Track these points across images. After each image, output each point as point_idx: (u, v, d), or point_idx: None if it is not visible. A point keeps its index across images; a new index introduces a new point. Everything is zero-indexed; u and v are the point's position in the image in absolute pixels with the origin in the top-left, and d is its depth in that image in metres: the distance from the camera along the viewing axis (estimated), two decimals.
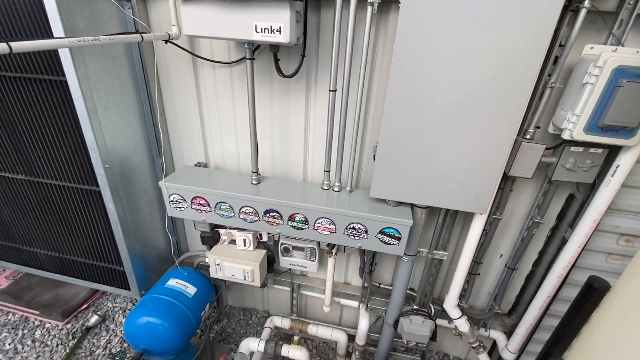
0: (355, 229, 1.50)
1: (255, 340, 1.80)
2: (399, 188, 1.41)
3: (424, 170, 1.33)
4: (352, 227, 1.50)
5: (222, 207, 1.63)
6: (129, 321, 1.75)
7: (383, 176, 1.39)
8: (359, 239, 1.53)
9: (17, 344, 2.19)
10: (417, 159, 1.32)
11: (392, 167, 1.36)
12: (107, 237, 1.87)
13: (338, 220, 1.50)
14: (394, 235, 1.48)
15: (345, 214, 1.48)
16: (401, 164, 1.34)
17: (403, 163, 1.34)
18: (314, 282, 2.18)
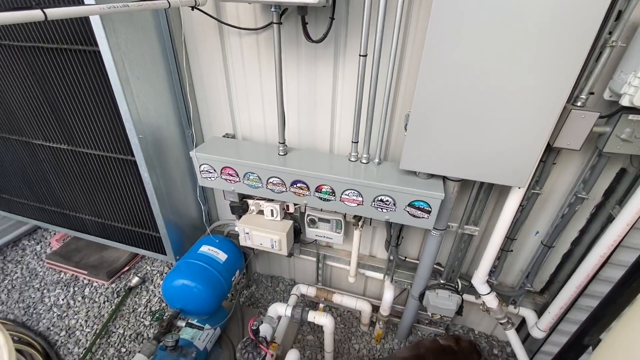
0: (383, 201, 1.47)
1: (282, 305, 1.87)
2: (430, 160, 1.35)
3: (459, 140, 1.26)
4: (379, 200, 1.48)
5: (250, 178, 1.65)
6: (166, 283, 1.88)
7: (414, 147, 1.33)
8: (386, 211, 1.50)
9: (69, 299, 2.43)
10: (452, 129, 1.24)
11: (425, 137, 1.30)
12: (144, 205, 1.97)
13: (365, 193, 1.48)
14: (424, 209, 1.43)
15: (373, 186, 1.45)
16: (434, 134, 1.27)
17: (436, 133, 1.27)
18: (340, 254, 2.21)
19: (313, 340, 2.24)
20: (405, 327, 2.17)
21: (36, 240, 2.96)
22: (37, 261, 2.74)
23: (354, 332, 2.30)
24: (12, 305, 2.37)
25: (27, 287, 2.51)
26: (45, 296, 2.44)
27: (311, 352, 2.17)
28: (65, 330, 2.22)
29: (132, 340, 2.17)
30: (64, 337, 2.18)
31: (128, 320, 2.29)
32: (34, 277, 2.60)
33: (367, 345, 2.22)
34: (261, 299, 2.51)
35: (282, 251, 1.96)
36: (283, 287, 2.60)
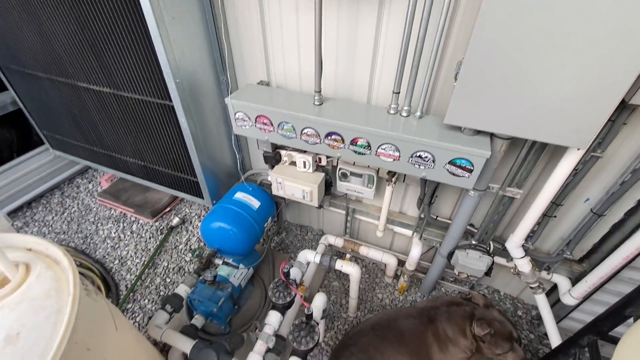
0: (422, 157, 1.41)
1: (312, 252, 1.96)
2: (480, 114, 1.24)
3: (516, 93, 1.13)
4: (418, 156, 1.41)
5: (284, 128, 1.63)
6: (204, 225, 2.00)
7: (463, 99, 1.22)
8: (424, 168, 1.44)
9: (120, 233, 2.69)
10: (510, 79, 1.11)
11: (477, 88, 1.18)
12: (182, 150, 2.04)
13: (403, 147, 1.41)
14: (465, 167, 1.36)
15: (412, 141, 1.37)
16: (488, 85, 1.15)
17: (491, 83, 1.14)
18: (369, 209, 2.21)
19: (338, 286, 2.37)
20: (429, 282, 2.21)
21: (88, 179, 3.23)
22: (90, 198, 3.01)
23: (378, 283, 2.39)
24: (72, 235, 2.67)
25: (83, 220, 2.80)
26: (99, 229, 2.72)
27: (336, 297, 2.30)
28: (119, 260, 2.49)
29: (175, 272, 2.41)
30: (117, 265, 2.46)
31: (171, 255, 2.52)
32: (88, 211, 2.88)
33: (390, 295, 2.31)
34: (290, 246, 2.64)
35: (312, 202, 1.99)
36: (311, 237, 2.70)
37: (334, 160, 1.98)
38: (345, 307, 2.24)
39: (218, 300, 1.91)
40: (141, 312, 2.18)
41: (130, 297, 2.25)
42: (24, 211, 2.85)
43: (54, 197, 3.01)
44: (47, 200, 2.97)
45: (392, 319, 1.81)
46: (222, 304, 1.92)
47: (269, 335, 1.55)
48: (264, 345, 1.52)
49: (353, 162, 1.92)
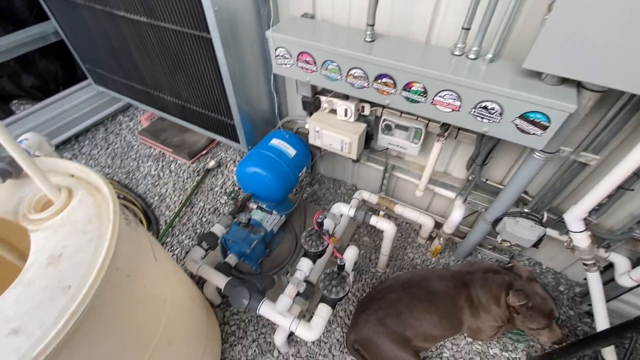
0: (487, 109, 1.21)
1: (346, 205, 1.89)
2: (572, 57, 1.01)
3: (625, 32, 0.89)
4: (483, 107, 1.22)
5: (329, 67, 1.47)
6: (239, 169, 1.98)
7: (554, 37, 0.99)
8: (487, 122, 1.25)
9: (159, 171, 2.77)
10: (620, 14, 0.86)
11: (575, 23, 0.94)
12: (219, 89, 1.96)
13: (467, 96, 1.22)
14: (539, 123, 1.16)
15: (480, 88, 1.18)
16: (591, 19, 0.91)
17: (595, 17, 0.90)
18: (410, 166, 2.07)
19: (368, 242, 2.33)
20: (466, 247, 2.10)
21: (129, 116, 3.30)
22: (131, 135, 3.10)
23: (410, 243, 2.32)
24: (116, 170, 2.80)
25: (126, 156, 2.91)
26: (140, 166, 2.82)
27: (366, 251, 2.28)
28: (158, 196, 2.60)
29: (211, 213, 2.48)
30: (157, 201, 2.57)
31: (207, 197, 2.58)
32: (130, 149, 2.98)
33: (421, 256, 2.25)
34: (322, 198, 2.60)
35: (350, 154, 1.87)
36: (344, 191, 2.63)
37: (378, 110, 1.81)
38: (374, 262, 2.21)
39: (251, 243, 1.95)
40: (179, 246, 2.29)
41: (169, 231, 2.37)
42: (72, 144, 3.00)
43: (98, 133, 3.12)
44: (93, 135, 3.10)
45: (424, 279, 1.76)
46: (254, 246, 1.95)
47: (300, 280, 1.56)
48: (294, 289, 1.53)
49: (400, 113, 1.75)
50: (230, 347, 1.86)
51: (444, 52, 1.34)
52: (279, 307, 1.48)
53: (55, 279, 0.78)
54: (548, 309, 1.50)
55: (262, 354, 1.84)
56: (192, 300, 1.41)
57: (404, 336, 1.63)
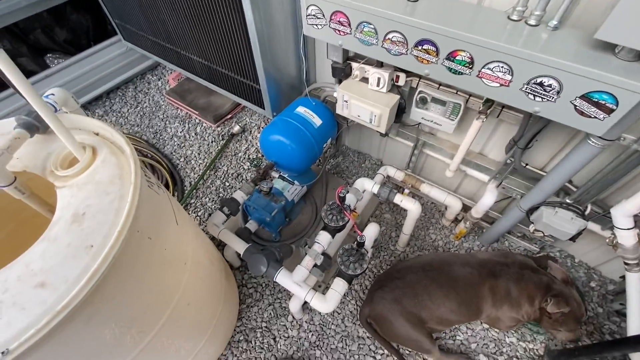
0: (543, 85, 1.07)
1: (370, 181, 1.82)
2: None
3: None
4: (538, 82, 1.07)
5: (364, 30, 1.33)
6: (263, 136, 1.93)
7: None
8: (540, 100, 1.11)
9: (185, 133, 2.79)
10: None
11: None
12: (246, 50, 1.87)
13: (521, 69, 1.07)
14: (604, 105, 1.00)
15: (537, 61, 1.02)
16: None
17: None
18: (443, 144, 1.94)
19: (390, 219, 2.27)
20: (494, 234, 2.00)
21: (157, 75, 3.29)
22: (159, 95, 3.10)
23: (434, 223, 2.24)
24: (145, 129, 2.84)
25: (154, 116, 2.93)
26: (167, 127, 2.84)
27: (386, 228, 2.23)
28: (184, 158, 2.63)
29: (234, 178, 2.49)
30: (183, 162, 2.60)
31: (230, 162, 2.59)
32: (158, 108, 3.00)
33: (444, 238, 2.18)
34: (346, 171, 2.53)
35: (380, 128, 1.77)
36: (369, 165, 2.54)
37: (414, 80, 1.67)
38: (394, 240, 2.17)
39: (271, 211, 1.95)
40: (202, 208, 2.35)
41: (193, 193, 2.41)
42: (104, 101, 3.06)
43: (128, 91, 3.15)
44: (123, 93, 3.13)
45: (446, 263, 1.70)
46: (274, 214, 1.95)
47: (318, 253, 1.54)
48: (311, 261, 1.53)
49: (438, 86, 1.60)
50: (247, 308, 1.93)
51: (499, 16, 1.17)
52: (296, 277, 1.48)
53: (78, 237, 0.79)
54: (580, 314, 1.43)
55: (277, 318, 1.90)
56: (211, 262, 1.44)
57: (419, 317, 1.62)
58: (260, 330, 1.86)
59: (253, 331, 1.85)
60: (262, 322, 1.88)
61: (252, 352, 1.79)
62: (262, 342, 1.82)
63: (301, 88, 2.23)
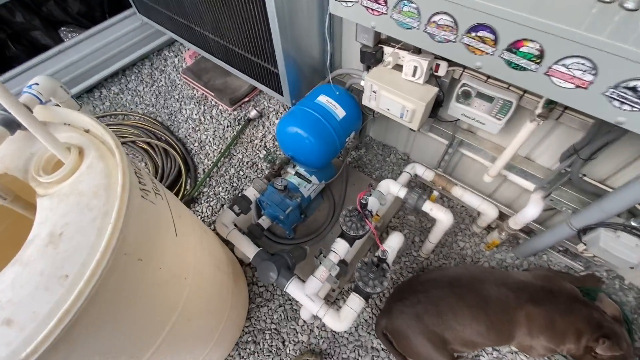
0: (637, 90, 0.82)
1: (396, 185, 1.63)
2: None
3: None
4: (630, 87, 0.83)
5: (403, 10, 1.10)
6: (280, 127, 1.75)
7: None
8: (629, 109, 0.86)
9: (200, 115, 2.65)
10: None
11: None
12: (264, 30, 1.66)
13: (608, 68, 0.83)
14: None
15: (636, 58, 0.78)
16: None
17: None
18: (483, 144, 1.70)
19: (414, 221, 2.09)
20: (532, 248, 1.78)
21: (174, 52, 3.13)
22: (175, 73, 2.96)
23: (463, 230, 2.04)
24: (160, 109, 2.73)
25: (169, 96, 2.81)
26: (182, 108, 2.72)
27: (409, 231, 2.05)
28: (198, 142, 2.51)
29: (249, 167, 2.36)
30: (197, 147, 2.49)
31: (246, 149, 2.45)
32: (173, 88, 2.86)
33: (473, 247, 1.98)
34: (368, 165, 2.34)
35: (412, 124, 1.55)
36: (394, 159, 2.33)
37: (456, 71, 1.43)
38: (417, 245, 2.00)
39: (286, 208, 1.81)
40: (215, 198, 2.24)
41: (206, 182, 2.31)
42: (119, 77, 2.95)
43: (144, 68, 3.02)
44: (139, 70, 3.01)
45: (477, 279, 1.52)
46: (289, 212, 1.81)
47: (333, 263, 1.40)
48: (326, 272, 1.39)
49: (486, 79, 1.36)
50: (257, 307, 1.85)
51: None
52: (308, 289, 1.36)
53: (52, 263, 0.67)
54: (630, 357, 1.24)
55: (287, 320, 1.80)
56: (218, 268, 1.33)
57: (442, 337, 1.47)
58: (269, 332, 1.77)
59: (262, 333, 1.77)
60: (272, 324, 1.79)
61: (260, 355, 1.71)
62: (270, 344, 1.74)
63: (324, 72, 2.01)
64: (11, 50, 2.46)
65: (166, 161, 2.35)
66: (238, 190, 2.26)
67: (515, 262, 1.91)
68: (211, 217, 2.17)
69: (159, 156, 2.37)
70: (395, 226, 2.07)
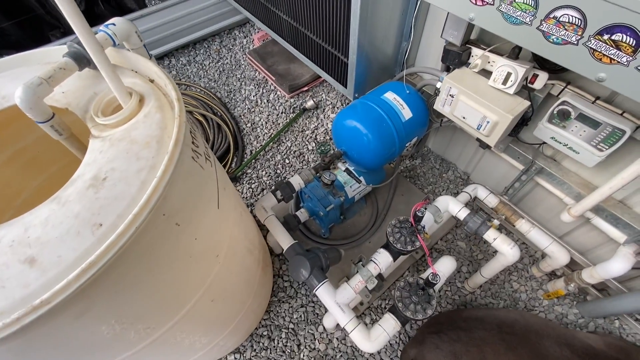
0: None
1: (456, 203, 1.44)
2: None
3: None
4: None
5: (517, 1, 0.94)
6: (338, 119, 1.65)
7: None
8: None
9: (258, 98, 2.64)
10: None
11: None
12: (343, 16, 1.57)
13: None
14: None
15: None
16: None
17: None
18: (568, 177, 1.45)
19: (464, 249, 1.87)
20: (605, 309, 1.50)
21: (244, 33, 3.17)
22: (241, 53, 2.99)
23: (520, 270, 1.78)
24: (221, 86, 2.76)
25: (232, 74, 2.83)
26: (242, 88, 2.72)
27: (457, 259, 1.84)
28: (251, 123, 2.49)
29: (296, 157, 2.28)
30: (249, 127, 2.47)
31: (296, 138, 2.38)
32: (237, 67, 2.88)
33: (530, 292, 1.72)
34: (421, 177, 2.15)
35: (489, 139, 1.36)
36: (452, 177, 2.12)
37: (556, 85, 1.22)
38: (463, 276, 1.78)
39: (327, 205, 1.70)
40: (257, 181, 2.20)
41: (251, 163, 2.27)
42: (189, 50, 3.04)
43: (213, 44, 3.09)
44: (208, 45, 3.08)
45: (534, 331, 1.29)
46: (329, 210, 1.71)
47: (372, 275, 1.26)
48: (362, 283, 1.25)
49: (595, 99, 1.14)
50: (279, 302, 1.75)
51: None
52: (340, 297, 1.23)
53: (90, 207, 0.61)
54: None
55: (307, 323, 1.69)
56: (250, 252, 1.25)
57: None
58: (286, 330, 1.67)
59: (278, 329, 1.68)
60: (290, 323, 1.69)
61: (273, 353, 1.62)
62: (285, 344, 1.64)
63: (392, 71, 1.87)
64: (99, 9, 2.62)
65: (217, 135, 2.35)
66: (281, 177, 2.20)
67: (579, 321, 1.62)
68: (250, 199, 2.12)
69: (212, 130, 2.38)
70: (441, 249, 1.87)
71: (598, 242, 1.57)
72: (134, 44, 0.92)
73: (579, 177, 1.45)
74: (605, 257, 1.51)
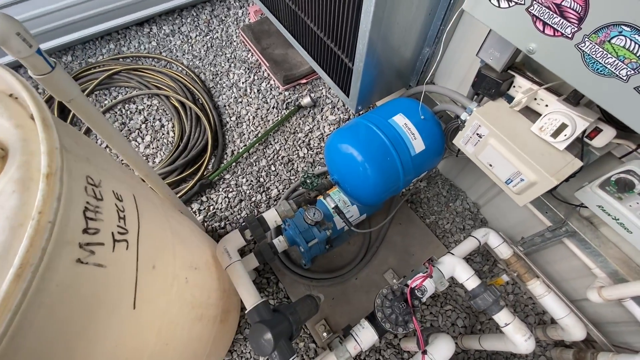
0: None
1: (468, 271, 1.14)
2: None
3: None
4: None
5: (612, 42, 0.61)
6: (332, 140, 1.33)
7: None
8: None
9: (247, 86, 2.27)
10: None
11: None
12: (352, 12, 1.20)
13: None
14: None
15: None
16: None
17: None
18: (606, 248, 1.18)
19: (463, 298, 1.64)
20: None
21: (240, 2, 2.72)
22: (234, 27, 2.57)
23: None
24: (206, 65, 2.38)
25: (221, 52, 2.44)
26: (231, 70, 2.35)
27: (452, 309, 1.61)
28: (236, 117, 2.15)
29: (284, 164, 1.98)
30: (233, 122, 2.13)
31: (286, 140, 2.06)
32: (228, 44, 2.48)
33: (530, 357, 1.50)
34: (425, 204, 1.87)
35: (519, 198, 1.07)
36: (459, 208, 1.84)
37: (623, 146, 0.92)
38: (457, 329, 1.56)
39: (310, 240, 1.44)
40: (235, 189, 1.90)
41: (231, 166, 1.96)
42: (174, 17, 2.60)
43: (203, 12, 2.65)
44: (197, 13, 2.64)
45: None
46: (312, 245, 1.44)
47: (350, 356, 1.02)
48: None
49: None
50: (244, 340, 1.53)
51: None
52: None
53: None
54: None
55: None
56: (199, 319, 0.99)
57: None
58: None
59: None
60: None
61: None
62: None
63: (409, 79, 1.53)
64: None
65: (195, 130, 2.03)
66: (264, 187, 1.90)
67: None
68: (224, 211, 1.84)
69: (189, 121, 2.04)
70: (436, 295, 1.63)
71: (623, 319, 1.33)
72: (17, 51, 0.59)
73: (619, 250, 1.17)
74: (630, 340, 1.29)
